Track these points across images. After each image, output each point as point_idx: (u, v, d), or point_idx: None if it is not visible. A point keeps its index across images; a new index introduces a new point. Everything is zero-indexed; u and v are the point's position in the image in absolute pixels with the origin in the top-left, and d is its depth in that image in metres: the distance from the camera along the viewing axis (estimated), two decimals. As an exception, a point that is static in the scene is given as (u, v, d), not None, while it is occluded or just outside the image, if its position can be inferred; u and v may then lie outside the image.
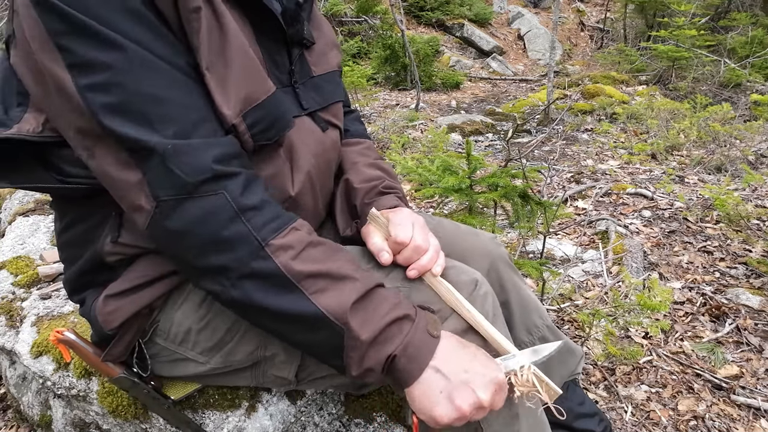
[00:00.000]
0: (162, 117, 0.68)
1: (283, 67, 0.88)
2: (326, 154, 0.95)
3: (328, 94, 0.97)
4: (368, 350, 0.72)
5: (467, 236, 1.09)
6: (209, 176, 0.69)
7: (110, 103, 0.67)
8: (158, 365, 0.95)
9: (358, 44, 7.64)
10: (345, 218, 1.01)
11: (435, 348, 0.74)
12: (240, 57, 0.75)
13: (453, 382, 0.72)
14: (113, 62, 0.66)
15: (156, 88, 0.68)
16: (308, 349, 0.79)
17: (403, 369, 0.73)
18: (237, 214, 0.70)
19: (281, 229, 0.73)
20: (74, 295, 0.91)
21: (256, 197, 0.73)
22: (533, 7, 11.22)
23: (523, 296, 1.12)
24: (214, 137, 0.71)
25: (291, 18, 0.88)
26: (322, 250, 0.76)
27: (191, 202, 0.69)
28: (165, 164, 0.68)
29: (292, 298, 0.72)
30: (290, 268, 0.71)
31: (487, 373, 0.74)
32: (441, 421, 0.72)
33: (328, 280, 0.73)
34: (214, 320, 0.87)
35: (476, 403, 0.72)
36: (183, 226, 0.70)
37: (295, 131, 0.87)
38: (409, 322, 0.75)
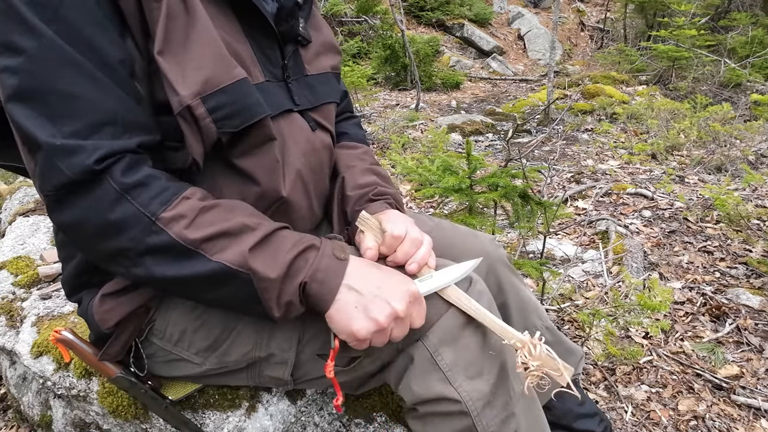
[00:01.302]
0: (64, 113, 0.67)
1: (275, 62, 0.88)
2: (317, 154, 0.95)
3: (320, 95, 0.97)
4: (281, 287, 0.74)
5: (466, 238, 1.09)
6: (92, 175, 0.68)
7: (16, 89, 0.66)
8: (155, 365, 0.95)
9: (358, 44, 7.65)
10: (340, 224, 1.01)
11: (344, 269, 0.77)
12: (203, 42, 0.74)
13: (366, 296, 0.75)
14: (29, 48, 0.65)
15: (67, 84, 0.67)
16: (229, 305, 0.80)
17: (316, 294, 0.75)
18: (121, 195, 0.69)
19: (171, 201, 0.72)
20: (72, 295, 0.91)
21: (140, 174, 0.71)
22: (533, 7, 11.22)
23: (521, 297, 1.12)
24: (109, 140, 0.69)
25: (287, 15, 0.88)
26: (216, 212, 0.75)
27: (76, 195, 0.69)
28: (51, 160, 0.67)
29: (193, 263, 0.72)
30: (185, 237, 0.71)
31: (400, 286, 0.77)
32: (359, 335, 0.74)
33: (227, 238, 0.73)
34: (209, 320, 0.87)
35: (392, 313, 0.74)
36: (72, 218, 0.71)
37: (287, 128, 0.87)
38: (314, 250, 0.77)
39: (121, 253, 0.72)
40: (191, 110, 0.72)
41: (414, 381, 0.84)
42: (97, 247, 0.73)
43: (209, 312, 0.87)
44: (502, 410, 0.82)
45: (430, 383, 0.82)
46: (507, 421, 0.83)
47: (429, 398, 0.83)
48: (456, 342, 0.83)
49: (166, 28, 0.71)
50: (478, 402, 0.81)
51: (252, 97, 0.78)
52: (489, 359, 0.84)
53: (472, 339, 0.84)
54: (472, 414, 0.81)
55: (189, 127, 0.74)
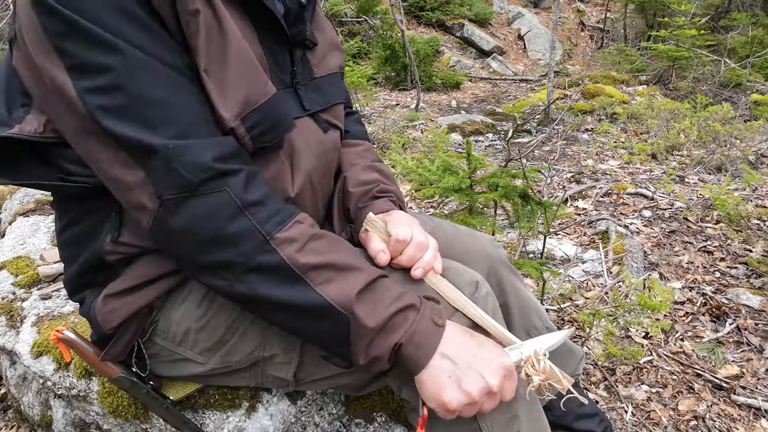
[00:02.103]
0: (161, 118, 0.69)
1: (285, 68, 0.88)
2: (327, 155, 0.95)
3: (329, 96, 0.97)
4: (375, 339, 0.73)
5: (466, 238, 1.09)
6: (211, 174, 0.70)
7: (110, 106, 0.67)
8: (158, 365, 0.95)
9: (358, 44, 7.65)
10: (341, 222, 1.01)
11: (441, 335, 0.75)
12: (239, 59, 0.75)
13: (461, 367, 0.73)
14: (112, 64, 0.66)
15: (155, 90, 0.68)
16: (315, 339, 0.80)
17: (409, 357, 0.74)
18: (241, 210, 0.71)
19: (285, 223, 0.74)
20: (74, 295, 0.91)
21: (258, 192, 0.74)
22: (533, 7, 11.22)
23: (522, 298, 1.12)
24: (212, 137, 0.72)
25: (294, 19, 0.88)
26: (325, 241, 0.77)
27: (195, 200, 0.70)
28: (168, 164, 0.68)
29: (298, 289, 0.72)
30: (295, 261, 0.72)
31: (495, 359, 0.75)
32: (450, 407, 0.73)
33: (333, 270, 0.74)
34: (213, 320, 0.87)
35: (485, 387, 0.72)
36: (188, 224, 0.71)
37: (297, 132, 0.87)
38: (414, 311, 0.76)
39: (228, 267, 0.72)
40: (234, 131, 0.74)
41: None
42: (204, 258, 0.73)
43: (213, 312, 0.87)
44: (505, 412, 0.82)
45: None
46: (510, 423, 0.82)
47: None
48: None
49: (207, 43, 0.72)
50: None
51: (282, 111, 0.80)
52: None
53: None
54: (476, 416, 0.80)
55: None
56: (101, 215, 0.83)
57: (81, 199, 0.83)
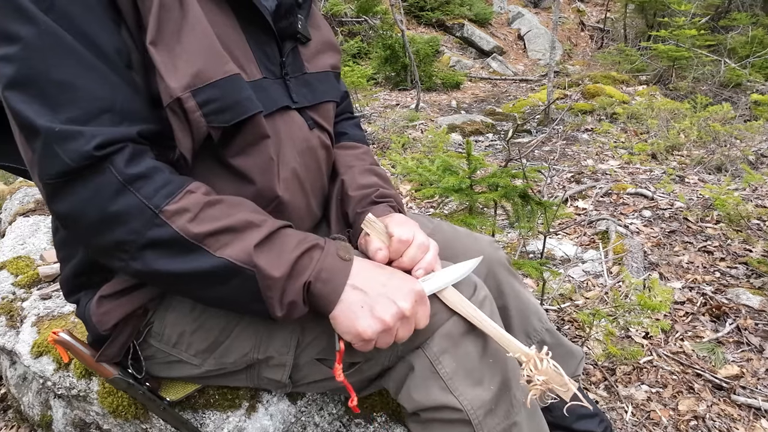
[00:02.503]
0: (61, 100, 0.66)
1: (273, 59, 0.88)
2: (312, 153, 0.94)
3: (319, 93, 0.97)
4: (285, 286, 0.73)
5: (466, 240, 1.09)
6: (92, 161, 0.67)
7: (13, 77, 0.66)
8: (154, 366, 0.94)
9: (358, 44, 7.65)
10: (339, 225, 1.01)
11: (349, 269, 0.76)
12: (196, 36, 0.73)
13: (372, 296, 0.74)
14: (26, 36, 0.65)
15: (63, 71, 0.66)
16: (230, 303, 0.78)
17: (320, 293, 0.74)
18: (124, 185, 0.68)
19: (175, 194, 0.71)
20: (70, 296, 0.91)
21: (143, 165, 0.70)
22: (533, 7, 11.22)
23: (521, 300, 1.12)
24: (109, 127, 0.68)
25: (285, 11, 0.88)
26: (220, 207, 0.74)
27: (77, 182, 0.68)
28: (48, 147, 0.66)
29: (196, 258, 0.70)
30: (188, 231, 0.70)
31: (405, 285, 0.76)
32: (365, 335, 0.73)
33: (231, 233, 0.72)
34: (207, 322, 0.87)
35: (398, 312, 0.74)
36: (71, 208, 0.69)
37: (282, 124, 0.86)
38: (318, 249, 0.76)
39: (121, 247, 0.70)
40: (181, 103, 0.72)
41: (414, 389, 0.83)
42: (96, 239, 0.71)
43: (208, 314, 0.87)
44: (504, 419, 0.82)
45: (430, 391, 0.82)
46: (509, 429, 0.82)
47: (430, 406, 0.82)
48: (457, 349, 0.83)
49: (158, 19, 0.70)
50: (480, 410, 0.80)
51: (243, 93, 0.78)
52: (490, 367, 0.84)
53: (473, 347, 0.84)
54: (473, 422, 0.80)
55: (178, 120, 0.73)
56: None
57: None
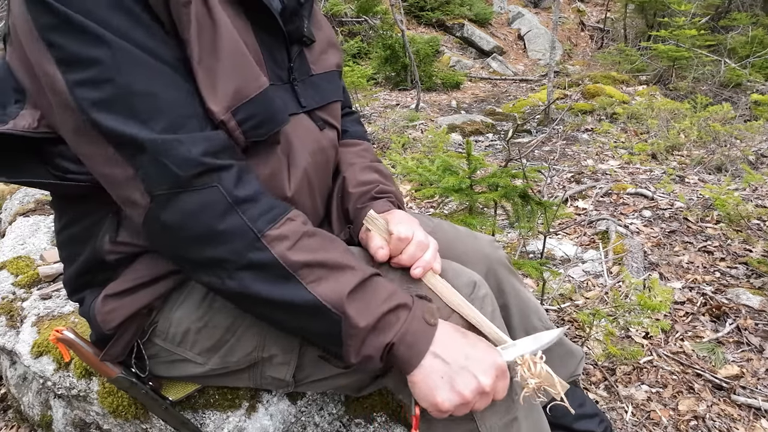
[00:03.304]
0: (150, 112, 0.68)
1: (282, 64, 0.88)
2: (323, 153, 0.95)
3: (326, 93, 0.97)
4: (366, 338, 0.73)
5: (466, 239, 1.09)
6: (201, 170, 0.69)
7: (98, 99, 0.67)
8: (157, 366, 0.95)
9: (358, 44, 7.64)
10: (340, 222, 1.01)
11: (433, 335, 0.75)
12: (230, 51, 0.74)
13: (453, 368, 0.73)
14: (101, 57, 0.66)
15: (143, 84, 0.68)
16: (308, 337, 0.80)
17: (402, 356, 0.74)
18: (232, 206, 0.70)
19: (277, 220, 0.73)
20: (73, 295, 0.91)
21: (250, 188, 0.73)
22: (533, 7, 11.22)
23: (522, 299, 1.12)
24: (201, 131, 0.71)
25: (291, 15, 0.88)
26: (317, 240, 0.76)
27: (186, 195, 0.69)
28: (156, 159, 0.68)
29: (289, 287, 0.72)
30: (286, 258, 0.71)
31: (487, 359, 0.75)
32: (443, 407, 0.73)
33: (325, 269, 0.74)
34: (213, 320, 0.87)
35: (478, 388, 0.72)
36: (178, 220, 0.70)
37: (293, 129, 0.86)
38: (405, 310, 0.75)
39: (220, 264, 0.72)
40: (224, 125, 0.73)
41: None
42: (194, 254, 0.72)
43: (213, 312, 0.87)
44: (505, 414, 0.82)
45: None
46: (510, 425, 0.82)
47: None
48: None
49: (198, 35, 0.71)
50: None
51: (275, 105, 0.79)
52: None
53: None
54: (475, 418, 0.81)
55: None
56: (100, 214, 0.82)
57: (79, 198, 0.83)
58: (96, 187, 0.76)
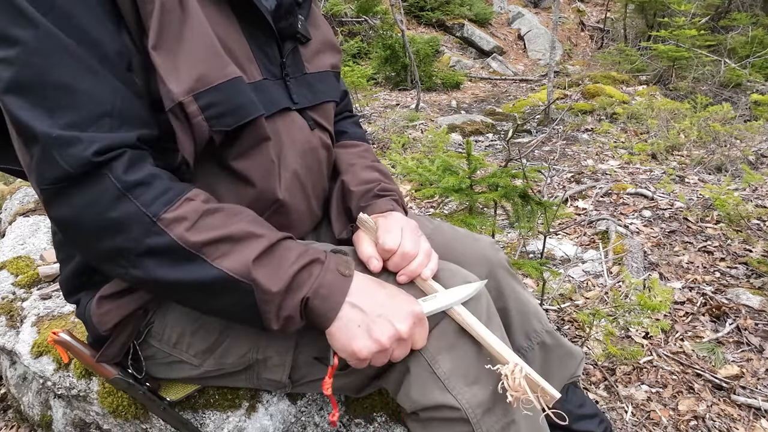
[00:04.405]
0: (61, 105, 0.66)
1: (274, 60, 0.87)
2: (314, 154, 0.94)
3: (319, 93, 0.96)
4: (282, 300, 0.72)
5: (466, 241, 1.09)
6: (90, 168, 0.67)
7: (11, 80, 0.65)
8: (154, 367, 0.94)
9: (358, 44, 7.65)
10: (341, 221, 1.00)
11: (348, 286, 0.75)
12: (197, 40, 0.73)
13: (370, 316, 0.74)
14: (25, 39, 0.64)
15: (62, 74, 0.66)
16: (227, 314, 0.78)
17: (318, 310, 0.74)
18: (123, 193, 0.68)
19: (173, 202, 0.71)
20: (70, 296, 0.91)
21: (142, 172, 0.70)
22: (533, 7, 11.23)
23: (522, 302, 1.11)
24: (110, 132, 0.68)
25: (286, 12, 0.87)
26: (219, 216, 0.74)
27: (74, 188, 0.68)
28: (47, 153, 0.65)
29: (194, 267, 0.70)
30: (186, 240, 0.69)
31: (404, 306, 0.76)
32: (360, 355, 0.73)
33: (229, 243, 0.72)
34: (207, 322, 0.87)
35: (395, 334, 0.73)
36: (69, 214, 0.69)
37: (283, 127, 0.86)
38: (318, 264, 0.75)
39: (120, 254, 0.70)
40: (183, 107, 0.71)
41: (413, 389, 0.83)
42: (95, 246, 0.71)
43: None
44: (502, 417, 0.82)
45: (428, 391, 0.82)
46: (507, 427, 0.82)
47: (428, 406, 0.82)
48: (453, 349, 0.82)
49: (160, 22, 0.70)
50: (478, 409, 0.80)
51: (245, 97, 0.77)
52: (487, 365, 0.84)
53: (470, 345, 0.83)
54: (471, 421, 0.80)
55: (180, 125, 0.73)
56: None
57: None
58: None
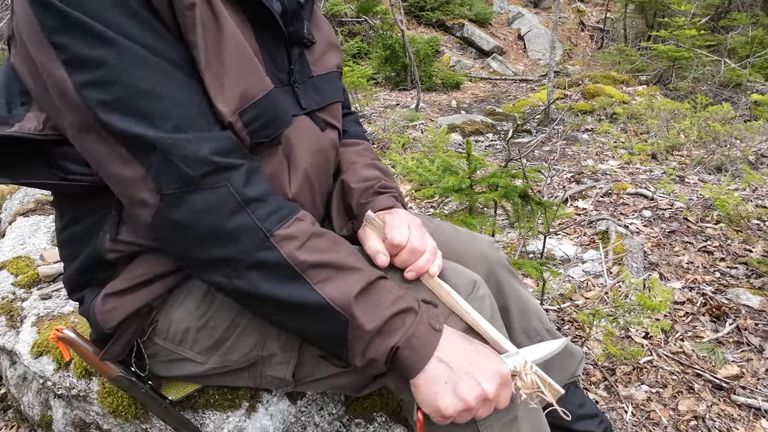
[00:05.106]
0: (159, 112, 0.68)
1: (282, 66, 0.88)
2: (324, 154, 0.95)
3: (327, 94, 0.97)
4: (372, 341, 0.73)
5: (466, 240, 1.09)
6: (211, 168, 0.70)
7: (107, 100, 0.67)
8: (157, 365, 0.95)
9: (358, 44, 7.65)
10: (341, 218, 1.01)
11: (438, 340, 0.75)
12: (236, 54, 0.74)
13: (457, 374, 0.73)
14: (107, 58, 0.66)
15: (151, 84, 0.68)
16: (312, 338, 0.80)
17: (407, 360, 0.74)
18: (241, 206, 0.71)
19: (285, 220, 0.74)
20: (74, 294, 0.91)
21: (259, 188, 0.74)
22: (533, 7, 11.22)
23: (522, 300, 1.12)
24: (209, 131, 0.71)
25: (291, 17, 0.88)
26: (325, 240, 0.77)
27: (196, 194, 0.70)
28: (166, 158, 0.68)
29: (297, 287, 0.72)
30: (295, 258, 0.72)
31: (491, 366, 0.75)
32: (446, 413, 0.72)
33: (332, 270, 0.74)
34: (213, 319, 0.87)
35: (481, 394, 0.72)
36: (188, 218, 0.71)
37: (294, 130, 0.87)
38: (412, 314, 0.75)
39: (228, 263, 0.72)
40: (232, 126, 0.74)
41: None
42: (202, 253, 0.73)
43: (213, 311, 0.87)
44: (505, 414, 0.82)
45: None
46: (510, 424, 0.82)
47: None
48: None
49: (204, 42, 0.72)
50: None
51: (280, 106, 0.80)
52: None
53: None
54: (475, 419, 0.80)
55: None
56: (101, 213, 0.83)
57: (81, 198, 0.83)
58: (98, 186, 0.76)
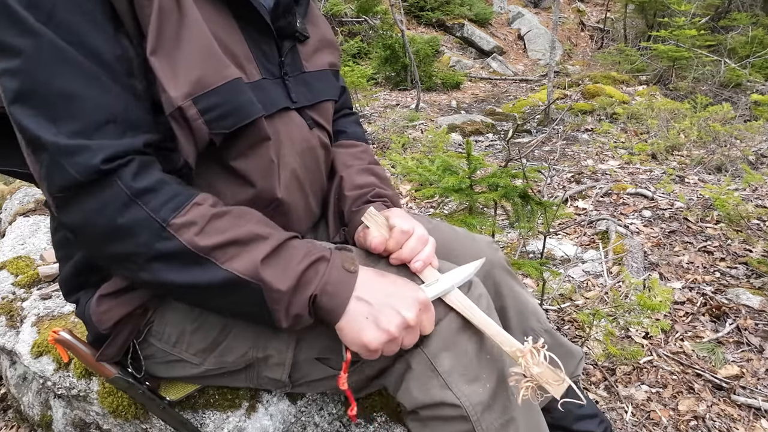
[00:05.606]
0: (64, 113, 0.66)
1: (272, 59, 0.87)
2: (312, 153, 0.95)
3: (317, 92, 0.97)
4: (291, 299, 0.74)
5: (464, 241, 1.09)
6: (99, 175, 0.67)
7: (16, 91, 0.66)
8: (154, 366, 0.94)
9: (358, 44, 7.65)
10: (336, 223, 1.01)
11: (354, 281, 0.77)
12: (196, 42, 0.73)
13: (376, 307, 0.75)
14: (25, 49, 0.64)
15: (66, 83, 0.66)
16: (235, 313, 0.80)
17: (326, 306, 0.75)
18: (132, 199, 0.69)
19: (181, 207, 0.72)
20: (69, 295, 0.91)
21: (150, 179, 0.71)
22: (533, 7, 11.23)
23: (520, 301, 1.11)
24: (116, 139, 0.69)
25: (284, 10, 0.88)
26: (227, 219, 0.75)
27: (84, 196, 0.69)
28: (56, 161, 0.66)
29: (204, 270, 0.72)
30: (195, 244, 0.71)
31: (409, 294, 0.77)
32: (371, 346, 0.74)
33: (237, 246, 0.73)
34: (208, 321, 0.87)
35: (403, 322, 0.75)
36: (79, 220, 0.70)
37: (282, 126, 0.86)
38: (324, 262, 0.77)
39: (129, 258, 0.72)
40: (182, 111, 0.72)
41: (413, 387, 0.83)
42: (105, 250, 0.73)
43: (207, 313, 0.87)
44: (501, 414, 0.82)
45: (429, 389, 0.82)
46: (507, 425, 0.82)
47: (428, 403, 0.82)
48: (454, 347, 0.83)
49: (158, 27, 0.70)
50: (478, 406, 0.80)
51: (244, 97, 0.78)
52: (487, 363, 0.84)
53: (470, 343, 0.84)
54: (471, 418, 0.80)
55: (180, 129, 0.73)
56: None
57: None
58: None
